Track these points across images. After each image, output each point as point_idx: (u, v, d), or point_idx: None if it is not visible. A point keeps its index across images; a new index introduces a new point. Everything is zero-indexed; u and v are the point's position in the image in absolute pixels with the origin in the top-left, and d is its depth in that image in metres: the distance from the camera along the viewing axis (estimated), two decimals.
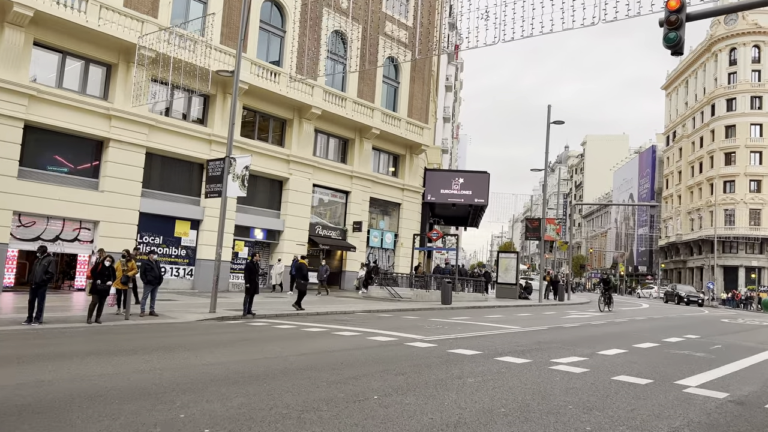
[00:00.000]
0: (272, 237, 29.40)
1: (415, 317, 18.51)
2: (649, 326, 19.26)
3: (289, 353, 10.01)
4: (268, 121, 29.36)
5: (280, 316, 16.94)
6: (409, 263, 35.62)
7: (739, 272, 70.05)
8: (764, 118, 70.94)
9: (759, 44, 72.37)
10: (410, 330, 14.31)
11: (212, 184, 17.57)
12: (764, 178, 70.29)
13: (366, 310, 20.10)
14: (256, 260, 17.33)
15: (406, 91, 35.95)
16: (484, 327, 16.07)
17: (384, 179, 34.62)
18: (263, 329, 13.74)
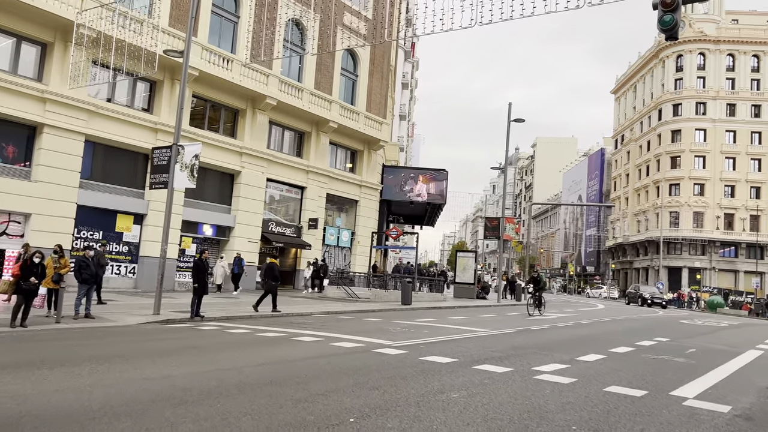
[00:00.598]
0: (222, 233, 27.84)
1: (377, 319, 17.49)
2: (615, 329, 18.81)
3: (245, 363, 8.81)
4: (220, 111, 27.78)
5: (232, 319, 15.62)
6: (367, 262, 34.66)
7: (682, 273, 71.99)
8: (708, 123, 73.14)
9: (704, 52, 74.54)
10: (375, 334, 13.27)
11: (157, 174, 16.07)
12: (707, 182, 72.44)
13: (324, 311, 18.94)
14: (205, 258, 15.97)
15: (364, 85, 34.87)
16: (452, 330, 15.19)
17: (341, 175, 33.47)
18: (214, 334, 12.43)
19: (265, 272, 18.29)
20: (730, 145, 72.60)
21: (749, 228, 70.96)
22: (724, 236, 71.12)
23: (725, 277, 71.10)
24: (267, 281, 17.81)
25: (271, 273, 17.80)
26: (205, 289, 15.32)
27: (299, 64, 31.19)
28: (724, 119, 72.91)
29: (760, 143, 72.24)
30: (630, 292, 55.46)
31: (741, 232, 71.00)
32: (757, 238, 69.24)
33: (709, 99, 73.55)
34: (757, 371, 11.12)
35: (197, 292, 15.11)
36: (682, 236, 71.97)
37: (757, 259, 69.54)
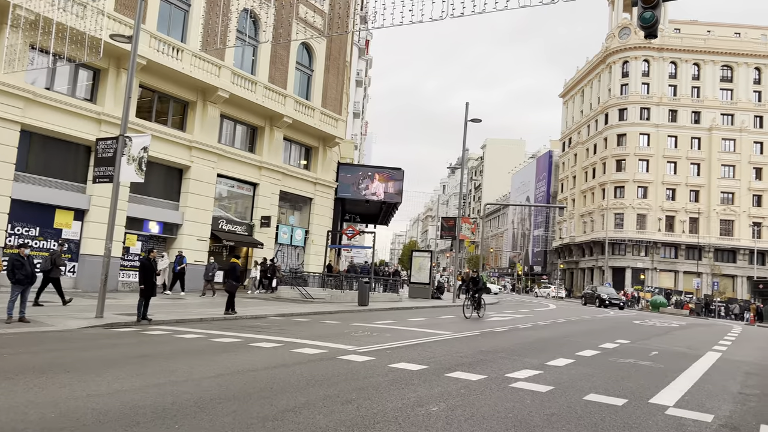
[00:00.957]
0: (169, 231, 26.59)
1: (335, 322, 16.85)
2: (574, 330, 18.77)
3: (203, 374, 8.06)
4: (168, 102, 26.51)
5: (182, 323, 14.70)
6: (321, 261, 33.92)
7: (626, 273, 74.08)
8: (651, 128, 75.52)
9: (648, 59, 76.93)
10: (337, 339, 12.66)
11: (102, 167, 14.97)
12: (650, 185, 74.79)
13: (279, 313, 18.18)
14: (153, 257, 14.98)
15: (320, 81, 34.09)
16: (414, 333, 14.72)
17: (295, 172, 32.59)
18: (164, 340, 11.56)
19: (226, 272, 17.64)
20: (671, 149, 75.17)
21: (689, 230, 73.67)
22: (666, 238, 73.61)
23: (666, 277, 73.60)
24: (228, 281, 17.18)
25: (233, 273, 17.19)
26: (152, 290, 14.36)
27: (253, 57, 30.17)
28: (666, 125, 75.46)
29: (699, 148, 75.06)
30: (587, 293, 53.68)
31: (681, 233, 73.63)
32: (703, 240, 71.96)
33: (653, 105, 75.95)
34: (723, 375, 11.09)
35: (144, 293, 14.14)
36: (626, 237, 74.06)
37: (698, 260, 72.26)
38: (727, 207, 73.36)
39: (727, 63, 76.00)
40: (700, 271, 72.40)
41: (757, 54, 75.37)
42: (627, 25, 77.89)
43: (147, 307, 14.28)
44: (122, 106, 15.23)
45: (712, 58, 75.83)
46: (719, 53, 75.65)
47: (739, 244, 72.73)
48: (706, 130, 74.84)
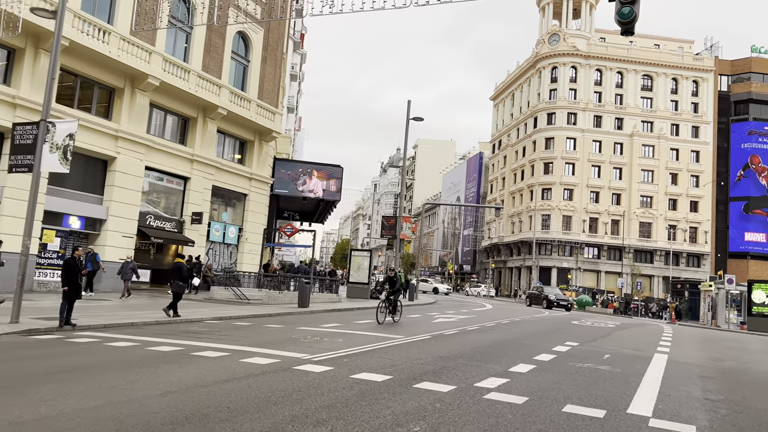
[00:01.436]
0: (92, 227, 24.68)
1: (279, 326, 15.91)
2: (521, 332, 18.61)
3: (146, 392, 7.06)
4: (93, 88, 24.61)
5: (110, 328, 13.39)
6: (255, 260, 32.68)
7: (552, 272, 76.26)
8: (578, 133, 78.10)
9: (576, 65, 79.51)
10: (287, 346, 11.80)
11: (20, 155, 13.40)
12: (575, 188, 77.34)
13: (216, 317, 17.03)
14: (78, 256, 13.57)
15: (256, 72, 32.78)
16: (365, 337, 14.04)
17: (230, 166, 31.16)
18: (94, 349, 10.34)
19: (172, 273, 16.59)
20: (596, 154, 78.01)
21: (610, 231, 76.71)
22: (589, 239, 76.32)
23: (589, 277, 76.32)
24: (175, 282, 16.25)
25: (179, 274, 16.32)
26: (77, 292, 12.98)
27: (186, 44, 28.57)
28: (591, 130, 78.23)
29: (621, 153, 78.26)
30: (532, 293, 49.93)
31: (603, 235, 76.55)
32: (624, 241, 74.98)
33: (579, 110, 78.57)
34: (680, 379, 11.04)
35: (68, 296, 12.76)
36: (553, 238, 76.24)
37: (619, 260, 75.31)
38: (646, 210, 76.91)
39: (647, 73, 79.67)
40: (621, 271, 75.58)
41: (674, 65, 79.43)
42: (557, 31, 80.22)
43: (71, 311, 12.90)
44: (41, 89, 13.75)
45: (634, 68, 79.28)
46: (640, 63, 79.19)
47: (656, 245, 76.39)
48: (627, 136, 78.14)
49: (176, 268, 16.53)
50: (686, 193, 77.46)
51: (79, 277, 13.17)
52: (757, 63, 78.90)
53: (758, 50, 79.07)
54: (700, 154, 78.47)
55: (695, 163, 78.21)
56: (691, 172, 77.93)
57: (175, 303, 16.12)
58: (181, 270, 16.42)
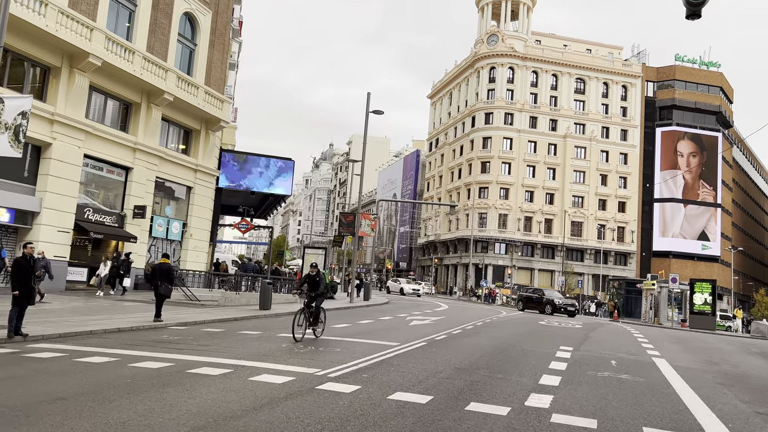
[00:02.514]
0: (23, 220, 22.08)
1: (256, 332, 14.44)
2: (506, 335, 17.91)
3: (170, 429, 5.63)
4: (25, 66, 22.00)
5: (67, 338, 11.59)
6: (201, 258, 30.62)
7: (488, 270, 77.17)
8: (514, 133, 79.35)
9: (513, 66, 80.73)
10: (286, 358, 10.46)
11: None
12: (511, 187, 78.54)
13: (181, 322, 15.33)
14: (28, 254, 11.61)
15: (204, 56, 30.66)
16: (362, 345, 12.85)
17: (174, 157, 28.94)
18: (67, 367, 8.64)
19: (158, 274, 15.39)
20: (531, 154, 79.52)
21: (544, 230, 78.48)
22: (524, 237, 77.72)
23: (524, 274, 77.77)
24: (163, 284, 15.19)
25: (169, 275, 15.49)
26: (30, 297, 11.11)
27: (128, 24, 26.18)
28: (527, 130, 79.66)
29: (555, 154, 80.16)
30: (526, 296, 41.05)
31: (537, 233, 78.19)
32: (570, 241, 76.79)
33: (516, 111, 79.84)
34: (709, 389, 10.56)
35: (19, 301, 10.88)
36: (489, 236, 77.14)
37: (551, 258, 77.08)
38: (578, 210, 79.18)
39: (580, 76, 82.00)
40: (553, 269, 77.56)
41: (605, 70, 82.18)
42: (495, 32, 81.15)
43: (21, 318, 11.02)
44: None
45: (568, 71, 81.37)
46: (574, 66, 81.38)
47: (586, 244, 78.80)
48: (561, 137, 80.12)
49: (165, 269, 15.45)
50: (615, 193, 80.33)
51: (33, 280, 11.26)
52: (680, 71, 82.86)
53: (682, 59, 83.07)
54: (628, 156, 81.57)
55: (623, 165, 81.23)
56: (619, 174, 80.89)
57: (159, 307, 15.18)
58: (170, 271, 15.59)
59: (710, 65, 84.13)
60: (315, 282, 14.09)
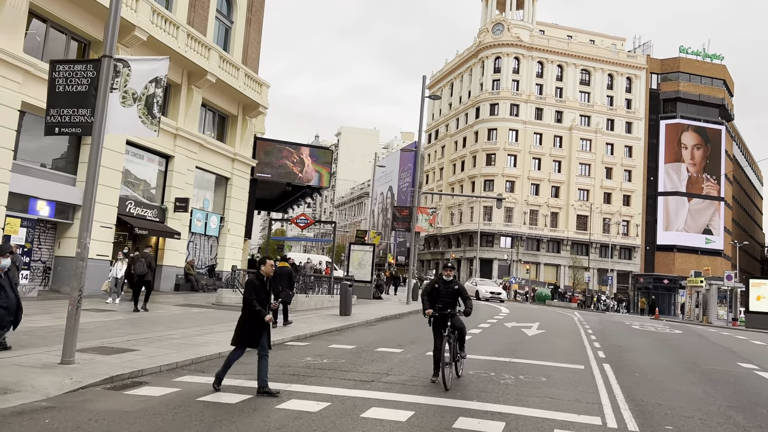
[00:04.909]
0: (64, 214, 19.48)
1: (394, 348, 12.24)
2: (640, 343, 16.00)
3: None
4: (66, 39, 19.35)
5: (170, 368, 9.29)
6: (238, 255, 28.28)
7: (494, 264, 75.63)
8: (520, 125, 77.75)
9: (519, 56, 79.03)
10: (487, 392, 8.34)
11: (65, 108, 8.91)
12: (517, 180, 77.03)
13: (300, 336, 13.08)
14: (266, 273, 8.53)
15: (240, 35, 28.19)
16: (536, 368, 10.77)
17: (213, 144, 26.44)
18: (175, 412, 6.42)
19: (282, 278, 14.06)
20: (537, 146, 78.06)
21: (550, 224, 77.21)
22: (530, 231, 76.33)
23: (526, 269, 76.40)
24: (284, 290, 14.00)
25: (288, 280, 14.48)
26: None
27: None
28: (533, 122, 78.15)
29: (560, 147, 78.83)
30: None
31: (543, 227, 76.89)
32: (575, 234, 75.63)
33: (522, 102, 78.22)
34: None
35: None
36: (495, 230, 75.58)
37: (557, 252, 75.89)
38: (583, 203, 78.00)
39: (585, 67, 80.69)
40: (559, 263, 76.39)
41: (610, 61, 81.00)
42: (501, 21, 79.33)
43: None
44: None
45: (573, 62, 79.98)
46: (579, 57, 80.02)
47: (592, 238, 77.71)
48: (567, 129, 78.79)
49: (287, 273, 14.52)
50: (620, 187, 79.36)
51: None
52: (684, 63, 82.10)
53: (686, 51, 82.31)
54: (633, 149, 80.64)
55: (628, 158, 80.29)
56: (624, 167, 79.92)
57: (285, 313, 14.47)
58: (291, 276, 14.64)
59: (714, 57, 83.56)
60: (452, 291, 9.07)
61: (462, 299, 9.05)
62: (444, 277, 9.18)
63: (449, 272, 9.20)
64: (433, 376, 8.79)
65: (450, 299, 8.98)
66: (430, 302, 8.96)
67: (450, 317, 8.77)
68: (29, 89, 17.21)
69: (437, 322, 8.86)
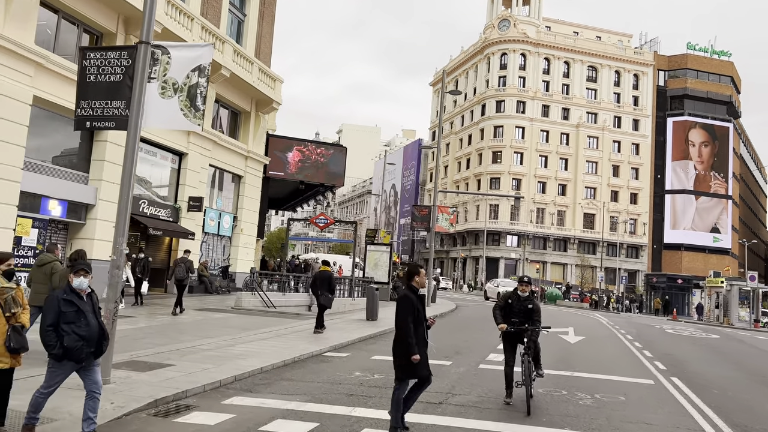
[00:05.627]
0: (76, 214, 18.58)
1: (445, 361, 11.42)
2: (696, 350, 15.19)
3: None
4: (76, 30, 18.45)
5: (214, 388, 8.45)
6: (250, 255, 27.44)
7: (500, 263, 74.84)
8: (526, 122, 76.92)
9: (525, 53, 78.16)
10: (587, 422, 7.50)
11: (97, 100, 8.05)
12: (523, 178, 76.23)
13: (336, 345, 12.24)
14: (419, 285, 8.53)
15: (254, 29, 27.28)
16: (632, 386, 9.94)
17: (227, 141, 25.55)
18: None
19: (322, 282, 14.19)
20: (543, 144, 77.26)
21: (557, 222, 76.43)
22: (536, 229, 75.57)
23: (536, 268, 75.63)
24: (323, 294, 14.00)
25: (328, 284, 14.20)
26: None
27: None
28: (539, 119, 77.32)
29: (567, 144, 78.03)
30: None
31: (550, 225, 76.11)
32: (582, 233, 74.88)
33: (528, 99, 77.37)
34: None
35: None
36: (501, 228, 74.81)
37: (564, 251, 75.10)
38: (590, 201, 77.23)
39: (592, 64, 79.86)
40: (566, 262, 75.65)
41: (617, 58, 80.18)
42: (507, 17, 78.39)
43: None
44: None
45: (580, 58, 79.15)
46: (586, 53, 79.18)
47: (599, 236, 76.93)
48: (573, 126, 77.98)
49: (326, 277, 14.38)
50: (627, 185, 78.63)
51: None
52: (692, 60, 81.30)
53: (694, 47, 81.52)
54: (640, 146, 79.88)
55: (635, 156, 79.53)
56: (631, 165, 79.17)
57: (321, 317, 14.17)
58: (331, 280, 14.47)
59: (721, 54, 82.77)
60: (525, 310, 8.17)
61: (532, 321, 8.16)
62: (519, 293, 8.33)
63: (525, 288, 8.34)
64: (506, 396, 7.98)
65: (522, 318, 8.14)
66: (503, 317, 8.14)
67: (528, 332, 7.94)
68: (41, 83, 16.35)
69: (510, 337, 8.05)
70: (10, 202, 15.57)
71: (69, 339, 5.12)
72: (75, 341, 5.13)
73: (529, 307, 8.20)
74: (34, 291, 9.10)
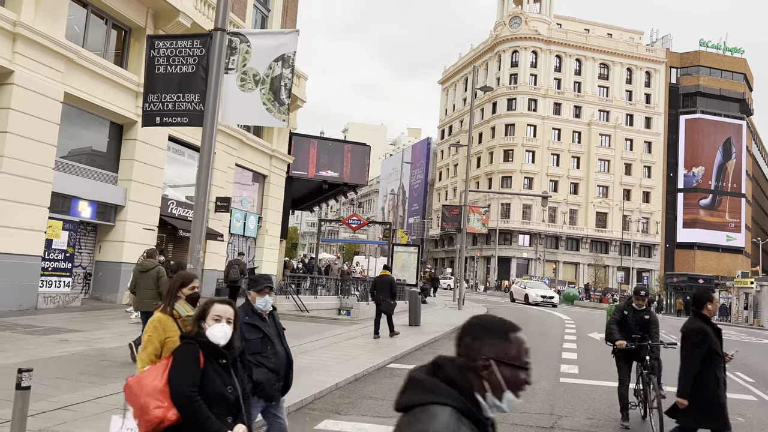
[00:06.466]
0: (105, 216, 17.91)
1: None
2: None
3: None
4: (105, 22, 17.76)
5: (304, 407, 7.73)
6: (274, 257, 26.75)
7: (512, 263, 74.13)
8: (538, 120, 76.16)
9: (536, 50, 77.40)
10: None
11: (166, 93, 7.34)
12: (535, 177, 75.49)
13: (397, 356, 11.54)
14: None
15: (277, 25, 26.53)
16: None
17: (252, 140, 24.84)
18: None
19: (378, 286, 14.18)
20: (555, 142, 76.52)
21: (569, 221, 75.68)
22: (548, 229, 74.84)
23: (548, 267, 74.93)
24: (384, 300, 13.81)
25: (390, 289, 14.07)
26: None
27: None
28: (551, 117, 76.57)
29: (579, 142, 77.27)
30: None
31: (562, 225, 75.38)
32: (594, 232, 74.15)
33: (540, 96, 76.63)
34: None
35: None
36: (513, 227, 74.10)
37: (576, 250, 74.36)
38: (603, 200, 76.51)
39: (604, 61, 79.09)
40: (578, 261, 74.92)
41: (629, 55, 79.39)
42: (518, 14, 77.61)
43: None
44: None
45: (592, 56, 78.38)
46: (598, 51, 78.42)
47: (611, 236, 76.22)
48: (585, 124, 77.23)
49: (387, 282, 14.22)
50: (639, 183, 77.89)
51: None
52: (705, 57, 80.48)
53: (706, 44, 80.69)
54: (652, 144, 79.12)
55: (647, 154, 78.78)
56: (644, 163, 78.43)
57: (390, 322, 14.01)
58: (392, 285, 14.29)
59: (734, 51, 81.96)
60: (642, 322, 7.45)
61: (650, 334, 7.42)
62: (634, 306, 7.57)
63: (641, 301, 7.57)
64: (623, 419, 7.25)
65: (639, 332, 7.40)
66: (620, 332, 7.38)
67: (650, 349, 7.21)
68: (71, 79, 15.66)
69: (627, 354, 7.33)
70: (42, 204, 14.88)
71: (258, 372, 4.33)
72: (264, 374, 4.33)
73: (647, 318, 7.44)
74: (141, 297, 9.25)
